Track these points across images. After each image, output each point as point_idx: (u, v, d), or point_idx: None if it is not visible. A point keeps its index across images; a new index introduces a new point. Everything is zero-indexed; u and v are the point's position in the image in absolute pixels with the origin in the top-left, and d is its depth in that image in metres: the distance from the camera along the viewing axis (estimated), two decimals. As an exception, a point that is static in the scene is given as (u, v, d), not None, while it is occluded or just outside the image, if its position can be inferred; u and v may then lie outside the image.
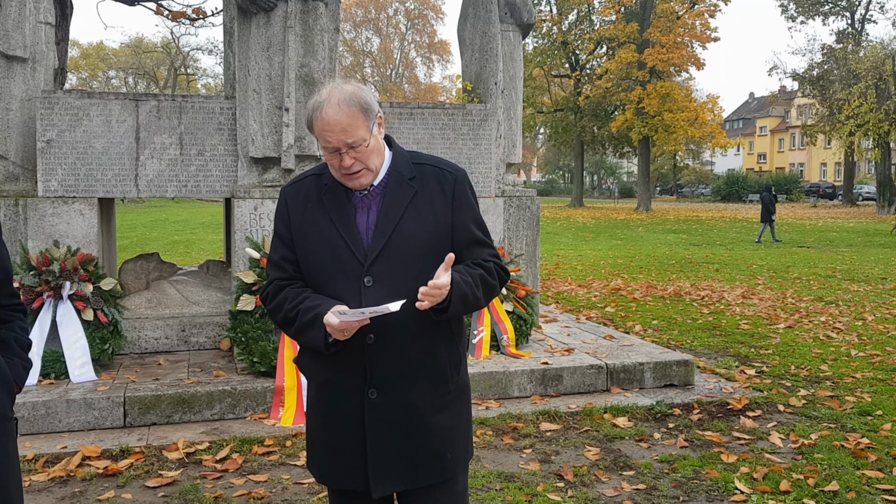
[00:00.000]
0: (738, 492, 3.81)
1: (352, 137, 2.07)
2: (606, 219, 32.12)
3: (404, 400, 2.18)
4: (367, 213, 2.17)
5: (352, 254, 2.14)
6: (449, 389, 2.26)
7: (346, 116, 2.06)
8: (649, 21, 38.61)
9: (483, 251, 2.25)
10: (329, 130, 2.07)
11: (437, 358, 2.23)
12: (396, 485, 2.20)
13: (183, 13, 11.25)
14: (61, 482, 3.92)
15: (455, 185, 2.22)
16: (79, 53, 53.21)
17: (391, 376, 2.16)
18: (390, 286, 2.11)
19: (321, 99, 2.09)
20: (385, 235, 2.13)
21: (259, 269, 5.31)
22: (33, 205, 5.63)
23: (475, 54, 7.09)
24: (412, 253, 2.13)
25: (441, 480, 2.24)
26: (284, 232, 2.24)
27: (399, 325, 2.11)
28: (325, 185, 2.21)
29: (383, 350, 2.15)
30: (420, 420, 2.19)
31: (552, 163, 77.20)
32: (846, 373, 6.23)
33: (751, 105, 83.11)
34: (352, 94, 2.09)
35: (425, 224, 2.17)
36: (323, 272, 2.17)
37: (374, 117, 2.13)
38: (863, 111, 34.51)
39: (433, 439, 2.21)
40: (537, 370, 5.52)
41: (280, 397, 4.88)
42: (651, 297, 10.48)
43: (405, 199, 2.17)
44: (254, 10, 5.63)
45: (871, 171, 52.90)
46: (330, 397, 2.22)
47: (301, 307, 2.14)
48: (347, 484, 2.22)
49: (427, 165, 2.25)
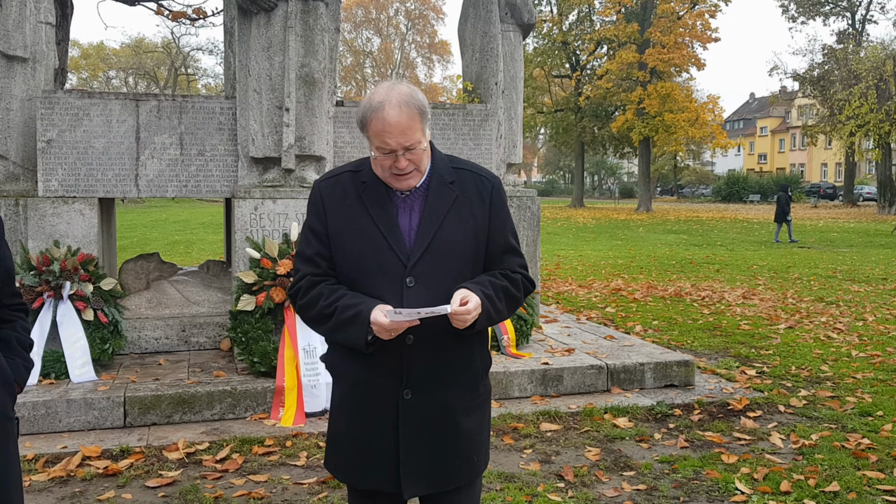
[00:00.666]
0: (738, 492, 3.81)
1: (410, 140, 2.06)
2: (607, 219, 32.12)
3: (439, 401, 2.18)
4: (410, 214, 2.17)
5: (394, 253, 2.12)
6: (479, 392, 2.28)
7: (406, 118, 2.05)
8: (650, 21, 38.60)
9: (514, 260, 2.27)
10: (389, 132, 2.04)
11: (471, 360, 2.25)
12: (427, 487, 2.20)
13: (183, 13, 11.25)
14: (61, 482, 3.92)
15: (493, 191, 2.24)
16: (79, 53, 53.22)
17: (427, 377, 2.16)
18: (432, 288, 2.11)
19: (380, 99, 2.06)
20: (428, 237, 2.13)
21: (259, 270, 5.31)
22: (34, 205, 5.62)
23: (476, 54, 7.09)
24: (452, 256, 2.14)
25: (466, 484, 2.26)
26: (319, 227, 2.20)
27: (438, 327, 2.11)
28: (364, 183, 2.18)
29: (421, 351, 2.14)
30: (453, 422, 2.20)
31: (552, 163, 77.22)
32: (847, 373, 6.23)
33: (751, 105, 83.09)
34: (410, 96, 2.08)
35: (465, 228, 2.17)
36: (362, 270, 2.15)
37: (426, 118, 2.12)
38: (863, 111, 34.49)
39: (462, 442, 2.22)
40: (538, 370, 5.51)
41: (280, 397, 4.88)
42: (651, 297, 10.48)
43: (447, 203, 2.17)
44: (254, 9, 5.63)
45: (871, 172, 52.89)
46: (363, 397, 2.20)
47: (339, 304, 2.11)
48: (376, 485, 2.20)
49: (465, 170, 2.25)
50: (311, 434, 4.61)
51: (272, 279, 5.25)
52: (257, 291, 5.27)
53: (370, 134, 2.08)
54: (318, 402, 4.93)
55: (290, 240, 5.44)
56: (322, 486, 3.88)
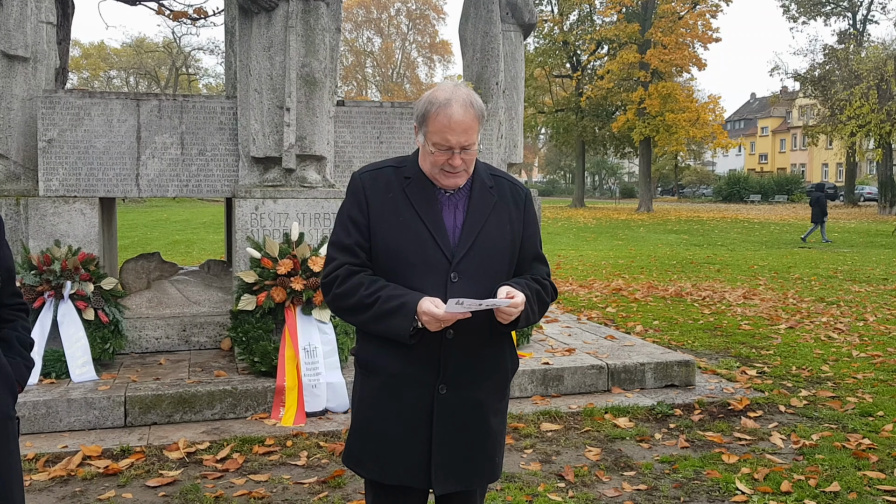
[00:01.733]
0: (739, 492, 3.81)
1: (468, 140, 2.13)
2: (607, 219, 32.11)
3: (473, 398, 2.22)
4: (454, 212, 2.22)
5: (438, 248, 2.17)
6: (506, 393, 2.34)
7: (470, 119, 2.13)
8: (651, 21, 38.59)
9: (542, 268, 2.36)
10: (453, 130, 2.11)
11: (503, 360, 2.31)
12: (456, 483, 2.22)
13: (184, 13, 11.26)
14: (62, 481, 3.93)
15: (526, 201, 2.34)
16: (80, 53, 53.23)
17: (463, 373, 2.20)
18: (473, 284, 2.16)
19: (446, 97, 2.12)
20: (473, 235, 2.20)
21: (260, 269, 5.31)
22: (34, 204, 5.63)
23: (476, 54, 7.08)
24: (493, 255, 2.21)
25: (486, 484, 2.31)
26: (360, 218, 2.22)
27: (477, 324, 2.15)
28: (408, 178, 2.23)
29: (460, 347, 2.18)
30: (484, 420, 2.24)
31: (553, 163, 77.21)
32: (847, 373, 6.23)
33: (752, 105, 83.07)
34: (474, 98, 2.16)
35: (503, 231, 2.25)
36: (404, 263, 2.17)
37: (484, 123, 2.23)
38: (864, 112, 34.49)
39: (490, 441, 2.27)
40: (538, 370, 5.51)
41: (281, 397, 4.88)
42: (652, 297, 10.48)
43: (489, 205, 2.25)
44: (255, 9, 5.63)
45: (872, 172, 52.86)
46: (399, 390, 2.21)
47: (381, 294, 2.12)
48: (405, 480, 2.21)
49: (503, 178, 2.34)
50: (311, 434, 4.61)
51: (273, 279, 5.26)
52: (258, 291, 5.28)
53: (431, 129, 2.13)
54: (319, 401, 4.94)
55: (291, 239, 5.44)
56: (322, 486, 3.89)
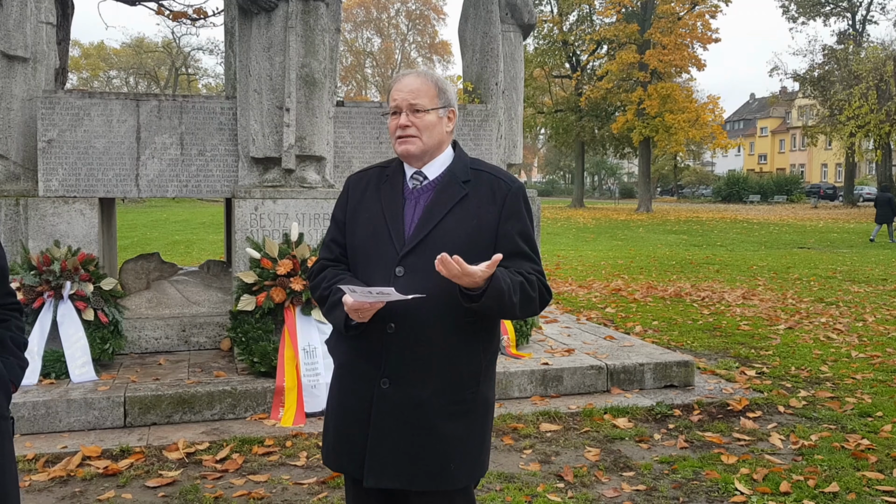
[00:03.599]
0: (738, 493, 3.81)
1: (416, 100, 2.18)
2: (607, 219, 32.11)
3: (415, 396, 2.18)
4: (415, 207, 2.22)
5: (391, 242, 2.18)
6: (464, 398, 2.22)
7: (419, 83, 2.20)
8: (650, 22, 38.59)
9: (526, 264, 2.22)
10: (400, 90, 2.20)
11: (454, 362, 2.20)
12: (391, 480, 2.19)
13: (184, 13, 11.26)
14: (61, 482, 3.93)
15: (508, 194, 2.22)
16: (80, 53, 53.20)
17: (405, 369, 2.17)
18: (419, 280, 2.11)
19: (406, 70, 2.28)
20: (425, 230, 2.16)
21: (259, 270, 5.31)
22: (34, 204, 5.63)
23: (476, 55, 7.09)
24: (447, 252, 2.06)
25: (439, 489, 2.21)
26: (340, 215, 2.33)
27: (421, 320, 2.13)
28: (387, 176, 2.29)
29: (401, 341, 2.16)
30: (426, 420, 2.18)
31: (553, 163, 77.21)
32: (846, 374, 6.23)
33: (751, 106, 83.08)
34: (435, 74, 2.26)
35: (466, 226, 2.18)
36: (363, 256, 2.23)
37: (445, 102, 2.23)
38: (863, 112, 34.53)
39: (438, 444, 2.19)
40: (537, 371, 5.52)
41: (280, 397, 4.89)
42: (651, 297, 10.48)
43: (453, 199, 2.20)
44: (255, 10, 5.63)
45: (871, 173, 52.91)
46: (347, 381, 2.26)
47: (333, 287, 2.20)
48: (346, 468, 2.26)
49: (484, 172, 2.28)
50: (311, 434, 4.61)
51: (272, 279, 5.26)
52: (257, 291, 5.28)
53: (390, 97, 2.23)
54: (318, 402, 4.94)
55: (290, 240, 5.45)
56: (322, 487, 3.89)
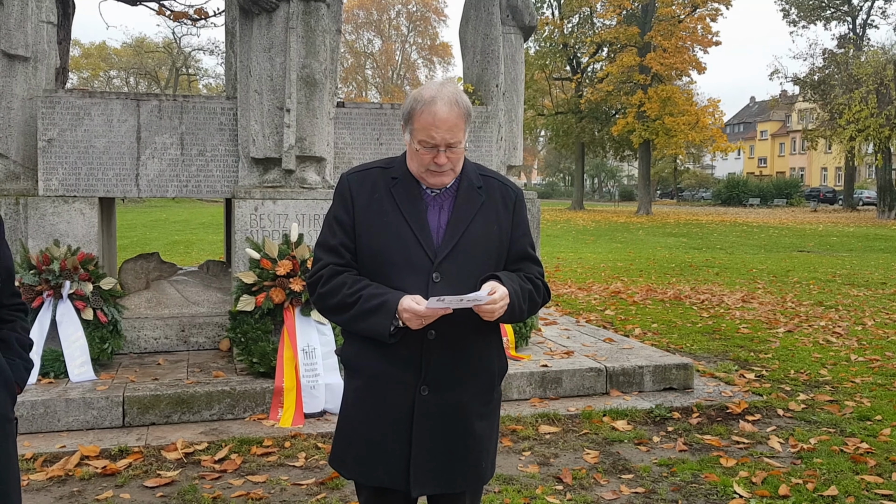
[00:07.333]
0: (736, 496, 3.81)
1: (454, 138, 2.12)
2: (607, 222, 32.12)
3: (455, 401, 2.19)
4: (439, 213, 2.21)
5: (421, 249, 2.16)
6: (493, 397, 2.30)
7: (455, 116, 2.11)
8: (650, 25, 38.63)
9: (533, 268, 2.32)
10: (437, 127, 2.10)
11: (489, 363, 2.27)
12: (435, 486, 2.20)
13: (185, 13, 11.28)
14: (60, 481, 3.92)
15: (516, 201, 2.31)
16: (80, 53, 53.20)
17: (446, 375, 2.18)
18: (456, 284, 2.13)
19: (432, 94, 2.12)
20: (456, 235, 2.18)
21: (259, 270, 5.30)
22: (34, 204, 5.63)
23: (477, 56, 7.09)
24: (477, 256, 2.19)
25: (471, 489, 2.27)
26: (345, 218, 2.23)
27: (460, 325, 2.14)
28: (395, 179, 2.23)
29: (442, 347, 2.16)
30: (467, 423, 2.21)
31: (553, 165, 77.23)
32: (846, 377, 6.23)
33: (752, 109, 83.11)
34: (460, 96, 2.15)
35: (489, 231, 2.22)
36: (388, 263, 2.17)
37: (471, 122, 2.19)
38: (863, 116, 34.55)
39: (474, 445, 2.23)
40: (536, 373, 5.51)
41: (279, 398, 4.88)
42: (651, 300, 10.48)
43: (476, 205, 2.23)
44: (256, 10, 5.63)
45: (871, 176, 52.90)
46: (380, 391, 2.20)
47: (363, 293, 2.13)
48: (385, 481, 2.21)
49: (493, 178, 2.32)
50: (309, 435, 4.60)
51: (272, 280, 5.25)
52: (257, 292, 5.27)
53: (417, 127, 2.13)
54: (317, 402, 4.93)
55: (290, 240, 5.44)
56: (320, 487, 3.88)
